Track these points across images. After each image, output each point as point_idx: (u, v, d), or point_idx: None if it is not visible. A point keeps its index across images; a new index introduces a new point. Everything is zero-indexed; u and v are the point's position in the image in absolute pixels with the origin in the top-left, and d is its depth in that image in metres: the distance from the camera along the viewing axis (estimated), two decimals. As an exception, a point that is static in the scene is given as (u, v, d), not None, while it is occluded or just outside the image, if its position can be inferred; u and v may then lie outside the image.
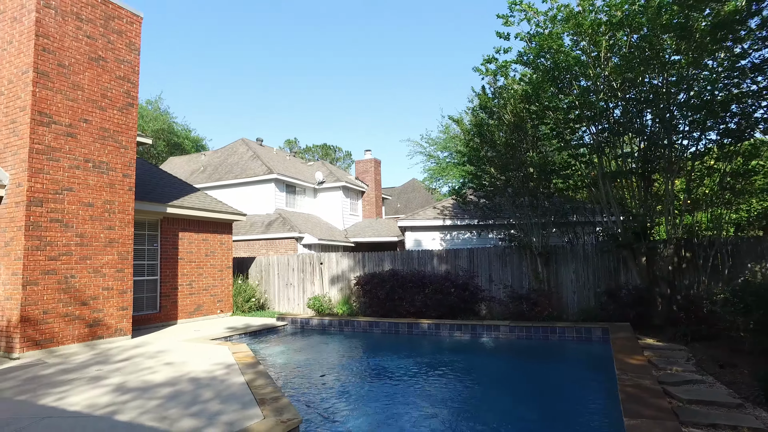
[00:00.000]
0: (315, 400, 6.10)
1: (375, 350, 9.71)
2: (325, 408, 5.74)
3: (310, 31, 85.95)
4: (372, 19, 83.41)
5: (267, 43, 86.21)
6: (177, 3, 72.23)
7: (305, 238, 21.71)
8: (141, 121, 34.08)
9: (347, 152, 56.43)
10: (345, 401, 6.03)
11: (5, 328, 8.13)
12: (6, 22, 8.91)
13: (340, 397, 6.18)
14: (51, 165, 8.50)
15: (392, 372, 7.58)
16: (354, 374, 7.48)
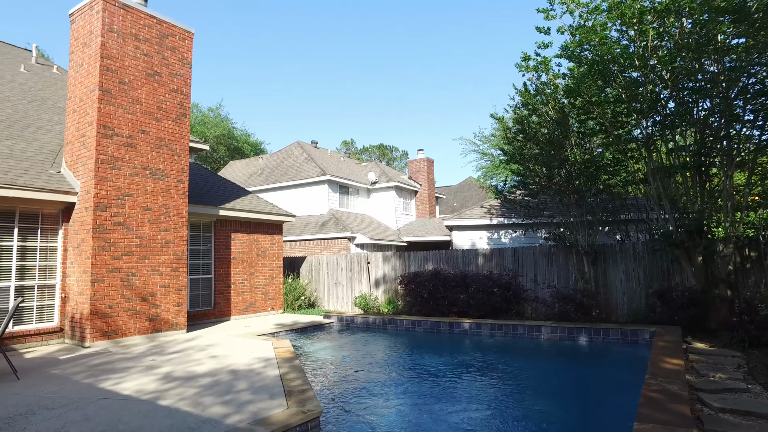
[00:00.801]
0: (342, 394, 6.35)
1: (414, 348, 9.85)
2: (350, 402, 5.96)
3: (366, 33, 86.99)
4: (433, 15, 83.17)
5: (325, 48, 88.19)
6: (234, 13, 75.56)
7: (357, 237, 22.16)
8: (203, 128, 36.12)
9: (404, 152, 56.71)
10: (371, 397, 6.22)
11: (79, 319, 9.03)
12: (79, 47, 9.87)
13: (367, 393, 6.38)
14: (114, 173, 9.33)
15: (427, 370, 7.70)
16: (388, 371, 7.66)
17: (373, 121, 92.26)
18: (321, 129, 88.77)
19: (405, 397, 6.21)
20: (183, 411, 5.06)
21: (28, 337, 8.94)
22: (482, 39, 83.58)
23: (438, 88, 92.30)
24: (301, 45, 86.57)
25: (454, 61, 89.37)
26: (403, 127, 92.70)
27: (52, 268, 9.48)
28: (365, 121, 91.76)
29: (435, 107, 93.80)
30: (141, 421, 4.76)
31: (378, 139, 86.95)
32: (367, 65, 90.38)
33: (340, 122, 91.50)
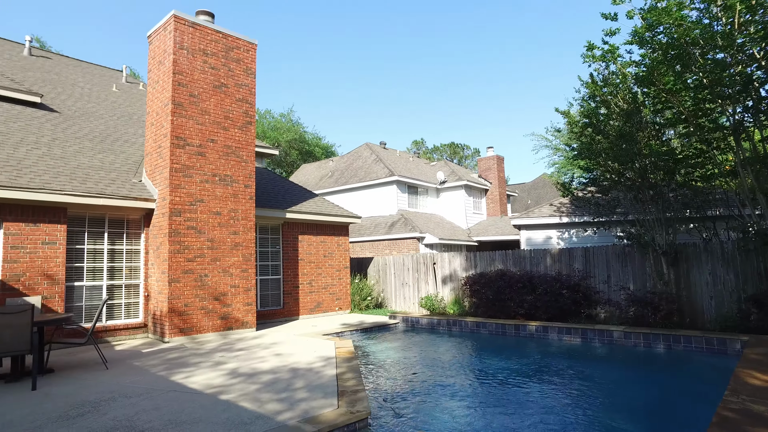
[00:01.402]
0: (397, 396, 6.33)
1: (477, 351, 9.61)
2: (402, 405, 5.93)
3: (434, 32, 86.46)
4: (500, 9, 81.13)
5: (394, 48, 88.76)
6: (303, 20, 78.01)
7: (426, 237, 22.08)
8: (276, 133, 37.68)
9: (475, 149, 55.71)
10: (424, 400, 6.15)
11: (159, 316, 9.75)
12: (155, 65, 10.68)
13: (421, 396, 6.31)
14: (186, 181, 9.97)
15: (487, 374, 7.48)
16: (447, 374, 7.54)
17: (443, 120, 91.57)
18: (391, 130, 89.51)
19: (462, 402, 6.06)
20: (240, 406, 5.28)
21: (118, 331, 9.78)
22: (552, 30, 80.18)
23: (507, 82, 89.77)
24: (371, 46, 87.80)
25: (523, 54, 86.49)
26: (474, 125, 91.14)
27: (136, 269, 10.31)
28: (436, 120, 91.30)
29: (505, 103, 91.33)
30: (201, 414, 5.04)
31: (449, 137, 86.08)
32: (436, 63, 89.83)
33: (410, 122, 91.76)
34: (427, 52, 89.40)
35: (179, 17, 10.09)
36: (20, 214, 8.69)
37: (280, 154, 38.89)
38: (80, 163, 10.17)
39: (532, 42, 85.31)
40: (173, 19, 10.04)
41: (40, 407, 5.43)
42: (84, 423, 4.85)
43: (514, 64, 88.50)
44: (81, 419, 4.97)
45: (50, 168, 9.45)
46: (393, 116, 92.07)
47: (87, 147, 11.07)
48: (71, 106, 12.98)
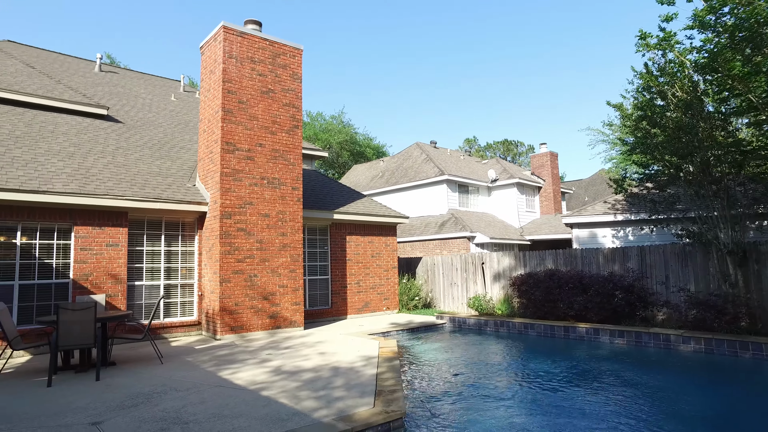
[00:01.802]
0: (434, 396, 6.29)
1: (523, 353, 9.36)
2: (438, 405, 5.88)
3: (481, 27, 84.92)
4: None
5: (443, 46, 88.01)
6: (353, 22, 78.81)
7: (477, 237, 21.78)
8: (327, 135, 38.36)
9: (529, 146, 54.26)
10: (463, 401, 6.07)
11: (212, 315, 10.21)
12: (207, 75, 11.18)
13: (460, 397, 6.24)
14: (236, 184, 10.37)
15: (531, 377, 7.28)
16: (488, 376, 7.40)
17: (496, 116, 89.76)
18: (443, 128, 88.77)
19: (502, 406, 5.93)
20: (280, 402, 5.45)
21: (174, 328, 10.33)
22: (607, 18, 76.53)
23: (561, 76, 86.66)
24: (423, 45, 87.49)
25: (578, 45, 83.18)
26: (529, 121, 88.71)
27: (191, 270, 10.85)
28: (489, 117, 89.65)
29: (560, 97, 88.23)
30: (243, 408, 5.23)
31: (502, 134, 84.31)
32: (488, 57, 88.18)
33: (462, 120, 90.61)
34: (480, 47, 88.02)
35: (228, 27, 10.52)
36: (88, 218, 9.37)
37: (332, 156, 39.58)
38: (140, 170, 10.82)
39: (586, 32, 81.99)
40: (222, 30, 10.47)
41: (101, 396, 5.84)
42: (137, 413, 5.17)
43: (569, 57, 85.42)
44: (135, 409, 5.30)
45: (113, 175, 10.12)
46: (445, 115, 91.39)
47: (147, 154, 11.77)
48: (134, 117, 13.84)
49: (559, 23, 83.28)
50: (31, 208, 8.80)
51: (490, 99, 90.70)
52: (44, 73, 13.26)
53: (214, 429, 4.63)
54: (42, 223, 8.98)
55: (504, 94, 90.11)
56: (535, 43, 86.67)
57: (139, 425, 4.79)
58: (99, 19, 67.50)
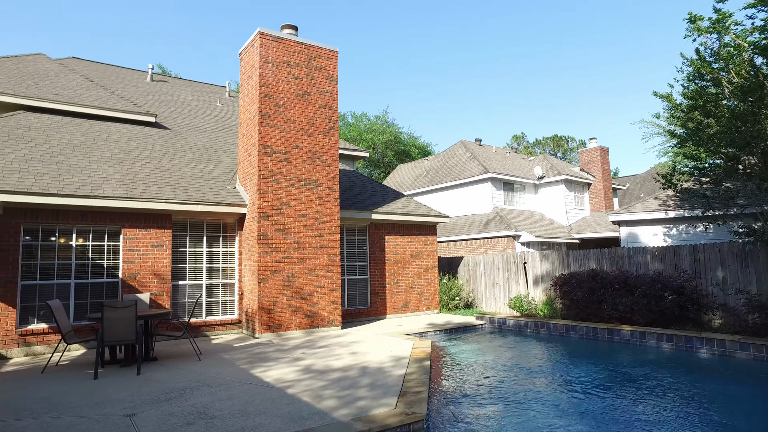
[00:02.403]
0: (461, 399, 6.17)
1: (563, 356, 9.02)
2: (465, 409, 5.76)
3: (524, 19, 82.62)
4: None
5: (487, 41, 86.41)
6: (396, 21, 78.71)
7: (522, 235, 21.26)
8: (371, 135, 38.52)
9: (581, 141, 52.32)
10: (492, 406, 5.92)
11: (251, 314, 10.50)
12: (245, 80, 11.52)
13: (487, 401, 6.09)
14: (273, 186, 10.60)
15: (569, 382, 6.99)
16: (523, 379, 7.18)
17: (545, 112, 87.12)
18: (490, 126, 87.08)
19: (532, 412, 5.72)
20: (303, 401, 5.52)
21: (216, 326, 10.70)
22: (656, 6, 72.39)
23: (612, 67, 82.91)
24: (469, 42, 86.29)
25: (627, 34, 79.30)
26: (579, 115, 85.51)
27: (231, 270, 11.20)
28: (537, 113, 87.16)
29: (611, 90, 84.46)
30: (267, 406, 5.34)
31: (551, 130, 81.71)
32: (535, 51, 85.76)
33: (509, 117, 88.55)
34: (527, 42, 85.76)
35: (264, 33, 10.78)
36: (135, 221, 9.88)
37: (377, 156, 39.77)
38: (183, 174, 11.29)
39: (636, 20, 78.06)
40: (259, 36, 10.75)
41: (138, 390, 6.14)
42: (168, 407, 5.39)
43: (620, 47, 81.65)
44: (167, 404, 5.53)
45: (158, 179, 10.62)
46: (492, 112, 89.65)
47: (190, 159, 12.26)
48: (180, 123, 14.47)
49: (609, 13, 79.82)
50: (84, 211, 9.37)
51: (539, 93, 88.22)
52: (101, 86, 14.10)
53: (236, 425, 4.75)
54: (94, 225, 9.55)
55: (553, 88, 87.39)
56: (585, 35, 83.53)
57: (168, 419, 4.99)
58: (154, 30, 71.15)
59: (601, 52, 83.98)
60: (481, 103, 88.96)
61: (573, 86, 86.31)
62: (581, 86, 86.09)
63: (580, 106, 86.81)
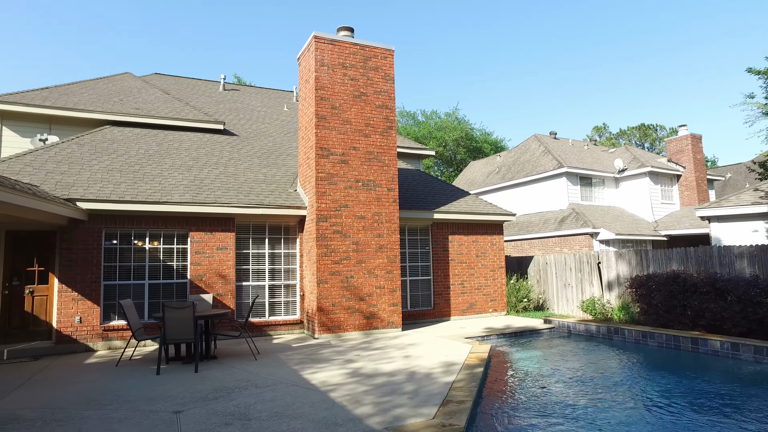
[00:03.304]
0: (509, 411, 5.80)
1: (636, 367, 8.23)
2: (512, 423, 5.40)
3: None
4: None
5: (559, 29, 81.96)
6: (460, 20, 76.87)
7: (601, 233, 19.94)
8: (442, 133, 37.89)
9: (671, 129, 48.06)
10: (543, 419, 5.50)
11: (311, 314, 10.67)
12: (303, 84, 11.74)
13: (541, 415, 5.66)
14: (331, 188, 10.70)
15: (640, 398, 6.34)
16: (583, 391, 6.63)
17: (630, 100, 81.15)
18: (568, 118, 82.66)
19: (596, 430, 5.24)
20: (341, 406, 5.45)
21: (278, 326, 11.01)
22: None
23: (706, 47, 75.19)
24: (542, 33, 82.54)
25: (719, 11, 71.37)
26: (669, 101, 78.65)
27: (293, 271, 11.46)
28: (621, 101, 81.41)
29: (704, 71, 76.70)
30: (306, 410, 5.34)
31: (638, 118, 75.90)
32: (611, 39, 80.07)
33: (590, 107, 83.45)
34: (604, 27, 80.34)
35: (319, 37, 10.91)
36: (201, 224, 10.41)
37: (449, 154, 39.16)
38: (247, 178, 11.73)
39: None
40: (314, 40, 10.90)
41: (192, 387, 6.41)
42: (213, 406, 5.56)
43: (711, 21, 73.91)
44: (214, 402, 5.71)
45: (223, 184, 11.11)
46: (571, 103, 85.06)
47: (255, 163, 12.73)
48: (248, 129, 15.09)
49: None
50: (155, 216, 10.02)
51: (623, 81, 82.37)
52: (176, 98, 15.07)
53: (270, 428, 4.78)
54: (164, 229, 10.19)
55: (638, 74, 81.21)
56: (673, 13, 76.62)
57: (209, 418, 5.14)
58: (231, 41, 75.27)
59: (692, 29, 76.79)
60: (558, 96, 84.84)
61: (660, 70, 79.73)
62: (670, 69, 79.28)
63: (669, 91, 80.00)
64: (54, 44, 67.33)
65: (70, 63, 66.23)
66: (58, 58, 68.04)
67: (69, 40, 68.20)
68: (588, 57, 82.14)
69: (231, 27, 74.09)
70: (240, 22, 74.26)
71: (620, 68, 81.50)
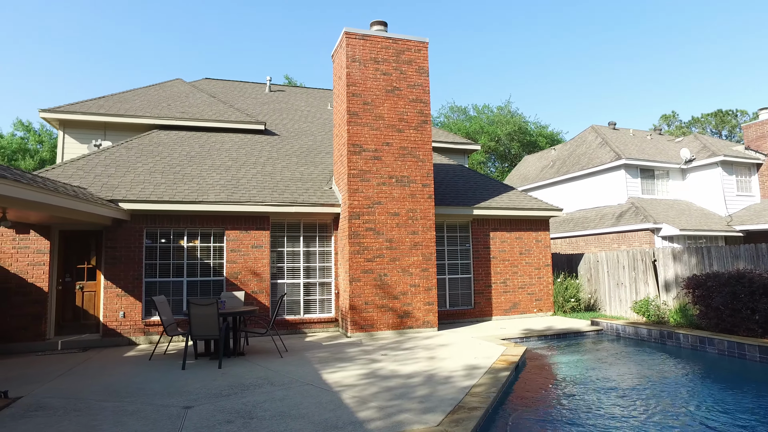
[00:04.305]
0: (526, 421, 5.39)
1: (688, 377, 7.43)
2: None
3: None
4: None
5: (616, 14, 77.01)
6: (517, 10, 74.03)
7: (663, 229, 18.55)
8: (493, 127, 36.71)
9: (754, 114, 43.94)
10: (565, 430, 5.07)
11: (344, 313, 10.61)
12: (336, 81, 11.70)
13: (565, 427, 5.22)
14: (363, 185, 10.58)
15: (694, 414, 5.74)
16: (619, 404, 6.05)
17: (703, 84, 75.04)
18: (632, 107, 77.67)
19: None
20: (346, 407, 5.30)
21: (313, 324, 11.04)
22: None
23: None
24: (602, 21, 78.10)
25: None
26: (749, 83, 71.86)
27: (328, 269, 11.45)
28: (692, 86, 75.49)
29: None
30: (310, 410, 5.23)
31: (713, 104, 70.05)
32: (678, 23, 74.17)
33: (656, 95, 77.98)
34: (674, 8, 74.66)
35: (350, 32, 10.81)
36: (236, 223, 10.63)
37: (503, 149, 37.96)
38: (283, 177, 11.86)
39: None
40: (344, 35, 10.81)
41: (210, 384, 6.50)
42: (223, 403, 5.58)
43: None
44: (225, 399, 5.74)
45: (258, 183, 11.29)
46: (635, 92, 79.95)
47: (293, 162, 12.85)
48: (290, 128, 15.29)
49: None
50: (193, 216, 10.34)
51: (694, 65, 76.30)
52: (222, 101, 15.54)
53: (268, 427, 4.71)
54: (201, 228, 10.49)
55: (711, 57, 74.89)
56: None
57: (214, 415, 5.15)
58: (279, 41, 77.11)
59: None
60: (620, 85, 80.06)
61: (738, 51, 73.07)
62: (749, 48, 72.45)
63: (751, 73, 73.18)
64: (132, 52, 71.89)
65: (130, 71, 70.59)
66: (121, 68, 72.58)
67: (133, 47, 72.64)
68: (655, 43, 76.92)
69: (282, 27, 76.08)
70: (292, 22, 76.09)
71: (692, 52, 75.70)
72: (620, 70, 78.51)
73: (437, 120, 41.06)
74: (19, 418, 5.20)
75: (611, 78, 79.07)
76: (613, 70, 78.64)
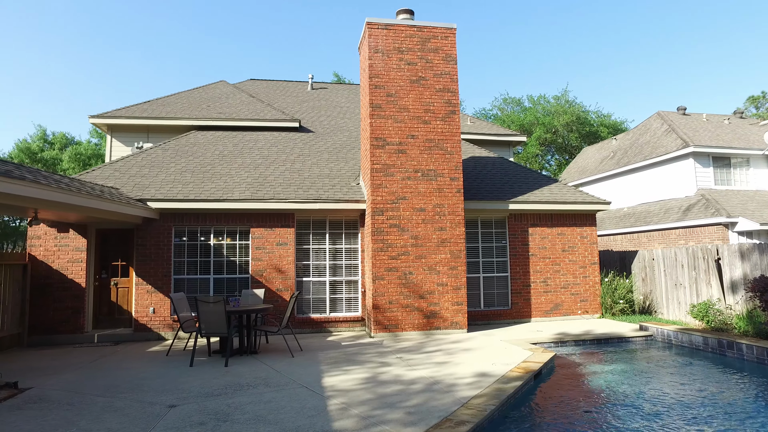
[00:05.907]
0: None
1: (749, 396, 6.45)
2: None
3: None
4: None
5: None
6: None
7: (739, 223, 16.70)
8: (550, 118, 34.73)
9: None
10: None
11: (369, 312, 10.30)
12: (361, 74, 11.40)
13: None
14: (387, 179, 10.21)
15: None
16: (653, 427, 5.32)
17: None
18: (711, 91, 70.82)
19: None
20: (327, 415, 4.99)
21: (339, 323, 10.82)
22: None
23: None
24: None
25: None
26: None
27: (355, 267, 11.19)
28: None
29: None
30: (289, 415, 4.98)
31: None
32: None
33: (739, 76, 70.56)
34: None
35: (371, 23, 10.47)
36: (261, 220, 10.63)
37: (560, 140, 35.93)
38: (311, 174, 11.73)
39: None
40: (366, 26, 10.49)
41: (208, 382, 6.42)
42: (207, 403, 5.46)
43: None
44: (213, 399, 5.62)
45: (285, 180, 11.23)
46: (717, 74, 72.98)
47: (323, 159, 12.71)
48: (326, 125, 15.20)
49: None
50: (218, 214, 10.45)
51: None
52: (260, 100, 15.73)
53: (239, 431, 4.50)
54: (227, 226, 10.58)
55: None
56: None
57: (192, 415, 5.02)
58: (328, 38, 77.47)
59: None
60: (698, 69, 73.45)
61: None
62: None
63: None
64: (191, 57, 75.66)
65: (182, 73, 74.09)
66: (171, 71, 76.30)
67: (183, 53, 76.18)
68: (736, 22, 69.88)
69: (333, 24, 76.79)
70: (341, 18, 76.62)
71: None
72: (698, 52, 72.19)
73: (490, 113, 39.67)
74: (15, 409, 5.35)
75: (689, 62, 72.92)
76: (690, 52, 72.49)
